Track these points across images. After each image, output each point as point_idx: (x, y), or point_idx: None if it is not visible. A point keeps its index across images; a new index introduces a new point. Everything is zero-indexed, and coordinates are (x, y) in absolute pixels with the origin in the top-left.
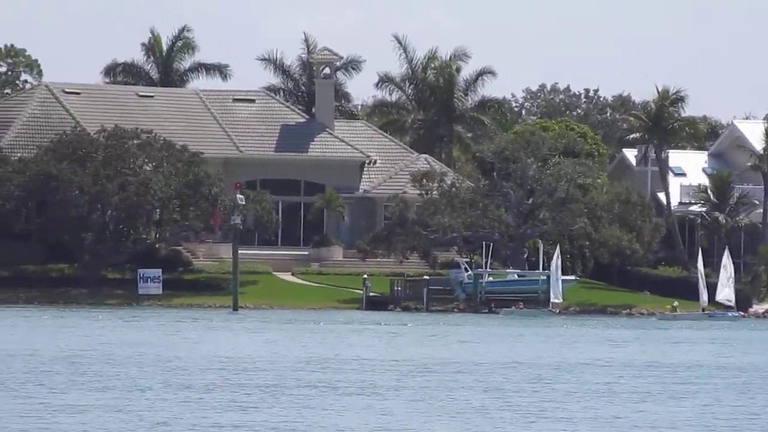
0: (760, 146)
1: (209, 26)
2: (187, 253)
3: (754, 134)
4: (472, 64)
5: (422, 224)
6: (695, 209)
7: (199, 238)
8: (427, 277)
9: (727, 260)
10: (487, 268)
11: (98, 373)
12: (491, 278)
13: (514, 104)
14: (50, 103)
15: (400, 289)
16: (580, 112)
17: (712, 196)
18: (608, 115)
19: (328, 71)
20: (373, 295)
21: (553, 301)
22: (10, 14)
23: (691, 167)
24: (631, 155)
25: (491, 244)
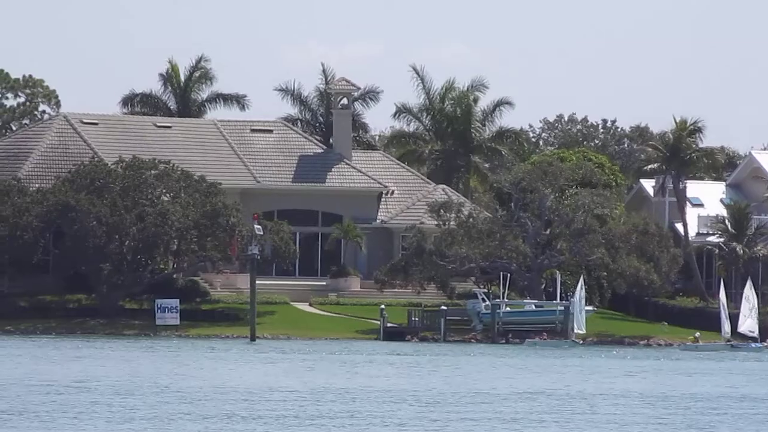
0: None
1: (227, 56)
2: (204, 283)
3: None
4: (489, 94)
5: (440, 255)
6: (713, 240)
7: (216, 268)
8: (444, 307)
9: (749, 291)
10: (504, 298)
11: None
12: (508, 308)
13: (531, 135)
14: (68, 133)
15: (417, 319)
16: (597, 142)
17: (729, 226)
18: (626, 145)
19: (345, 102)
20: (390, 325)
21: (576, 331)
22: (28, 45)
23: (708, 198)
24: (648, 186)
25: (509, 274)
